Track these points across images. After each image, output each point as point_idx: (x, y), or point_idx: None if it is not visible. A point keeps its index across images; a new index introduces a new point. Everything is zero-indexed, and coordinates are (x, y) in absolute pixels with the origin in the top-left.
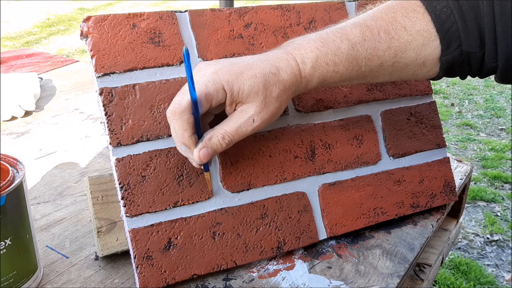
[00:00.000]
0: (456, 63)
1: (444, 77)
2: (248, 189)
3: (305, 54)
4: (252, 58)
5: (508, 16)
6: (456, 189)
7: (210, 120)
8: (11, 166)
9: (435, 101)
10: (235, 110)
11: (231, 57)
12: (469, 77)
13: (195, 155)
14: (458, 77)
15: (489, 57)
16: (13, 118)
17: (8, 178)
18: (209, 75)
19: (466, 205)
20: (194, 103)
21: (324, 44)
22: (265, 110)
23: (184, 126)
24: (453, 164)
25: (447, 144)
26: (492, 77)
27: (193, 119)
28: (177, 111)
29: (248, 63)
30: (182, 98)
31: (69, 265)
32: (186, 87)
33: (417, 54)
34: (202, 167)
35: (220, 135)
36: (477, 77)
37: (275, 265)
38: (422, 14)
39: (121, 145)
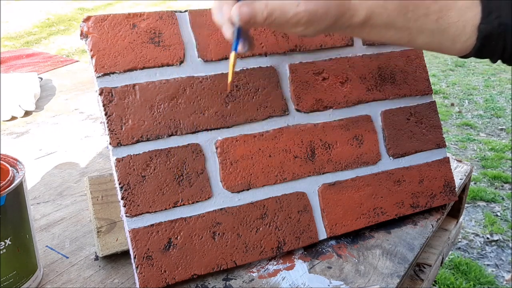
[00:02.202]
0: (493, 35)
1: (475, 58)
2: (248, 189)
3: None
4: None
5: None
6: (456, 189)
7: None
8: (11, 166)
9: (435, 101)
10: None
11: None
12: (469, 77)
13: (235, 10)
14: (458, 78)
15: None
16: (13, 118)
17: (8, 178)
18: None
19: (466, 205)
20: None
21: None
22: (312, 1)
23: None
24: (453, 164)
25: (447, 144)
26: (492, 77)
27: None
28: None
29: None
30: None
31: (69, 265)
32: None
33: (459, 16)
34: (231, 41)
35: (264, 2)
36: (505, 65)
37: (275, 265)
38: None
39: (121, 145)
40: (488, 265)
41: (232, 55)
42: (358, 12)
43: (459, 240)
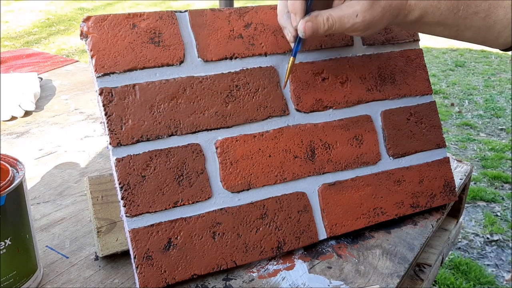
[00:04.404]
0: None
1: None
2: (248, 189)
3: None
4: None
5: None
6: (456, 189)
7: None
8: (11, 166)
9: (435, 101)
10: (342, 3)
11: (231, 57)
12: (469, 77)
13: (301, 25)
14: (458, 78)
15: None
16: (13, 118)
17: (8, 178)
18: None
19: (466, 205)
20: None
21: None
22: (369, 11)
23: None
24: (453, 164)
25: (447, 144)
26: (492, 77)
27: None
28: None
29: None
30: None
31: (69, 265)
32: None
33: (505, 14)
34: (292, 46)
35: (326, 16)
36: None
37: (275, 265)
38: None
39: (121, 145)
40: (488, 265)
41: (291, 60)
42: (413, 12)
43: (459, 240)
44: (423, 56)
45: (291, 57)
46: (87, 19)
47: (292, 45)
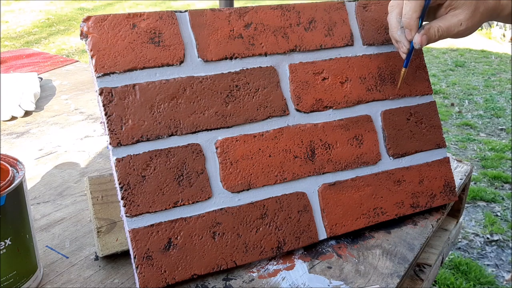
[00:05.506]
0: None
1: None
2: (248, 189)
3: None
4: None
5: None
6: (456, 189)
7: None
8: (11, 166)
9: (435, 101)
10: (446, 14)
11: (231, 57)
12: (469, 77)
13: (417, 38)
14: (458, 78)
15: None
16: (13, 118)
17: (8, 178)
18: None
19: (466, 205)
20: None
21: None
22: (471, 19)
23: (416, 8)
24: (453, 164)
25: (447, 144)
26: (492, 77)
27: (424, 5)
28: None
29: None
30: None
31: (69, 265)
32: None
33: None
34: (404, 57)
35: (436, 28)
36: None
37: (275, 265)
38: None
39: (121, 145)
40: (488, 265)
41: (403, 70)
42: (505, 9)
43: (459, 240)
44: (423, 56)
45: (404, 68)
46: (87, 19)
47: (404, 56)
